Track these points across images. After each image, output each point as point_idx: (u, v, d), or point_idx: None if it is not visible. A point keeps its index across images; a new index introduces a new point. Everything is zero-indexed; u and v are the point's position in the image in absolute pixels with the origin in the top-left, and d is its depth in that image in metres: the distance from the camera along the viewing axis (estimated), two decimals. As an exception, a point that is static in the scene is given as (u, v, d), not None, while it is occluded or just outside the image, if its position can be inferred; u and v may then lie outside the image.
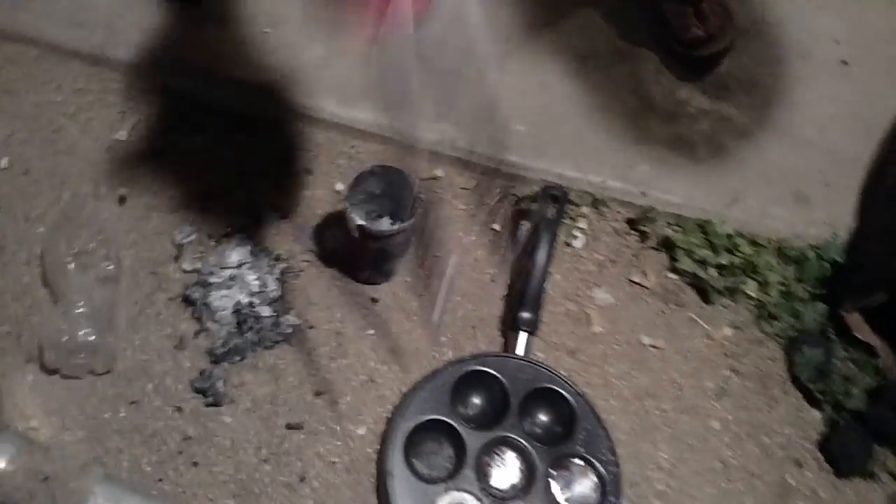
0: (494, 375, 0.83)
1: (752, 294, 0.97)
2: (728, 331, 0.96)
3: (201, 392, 0.78)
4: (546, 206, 0.90)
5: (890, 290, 0.87)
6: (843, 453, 0.90)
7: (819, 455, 0.91)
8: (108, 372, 0.78)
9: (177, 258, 0.86)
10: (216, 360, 0.80)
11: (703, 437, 0.89)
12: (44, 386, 0.76)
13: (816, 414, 0.93)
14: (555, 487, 0.80)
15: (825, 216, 1.03)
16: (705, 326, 0.95)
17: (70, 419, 0.74)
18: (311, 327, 0.84)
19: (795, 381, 0.94)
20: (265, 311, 0.82)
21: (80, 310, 0.75)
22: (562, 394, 0.83)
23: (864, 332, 0.94)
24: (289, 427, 0.79)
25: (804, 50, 1.15)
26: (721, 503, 0.85)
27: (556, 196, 0.90)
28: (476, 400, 0.84)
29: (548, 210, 0.90)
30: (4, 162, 0.87)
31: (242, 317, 0.81)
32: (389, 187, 0.83)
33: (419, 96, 0.94)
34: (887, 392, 0.92)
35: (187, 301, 0.83)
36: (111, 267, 0.81)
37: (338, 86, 0.96)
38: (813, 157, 1.07)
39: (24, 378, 0.70)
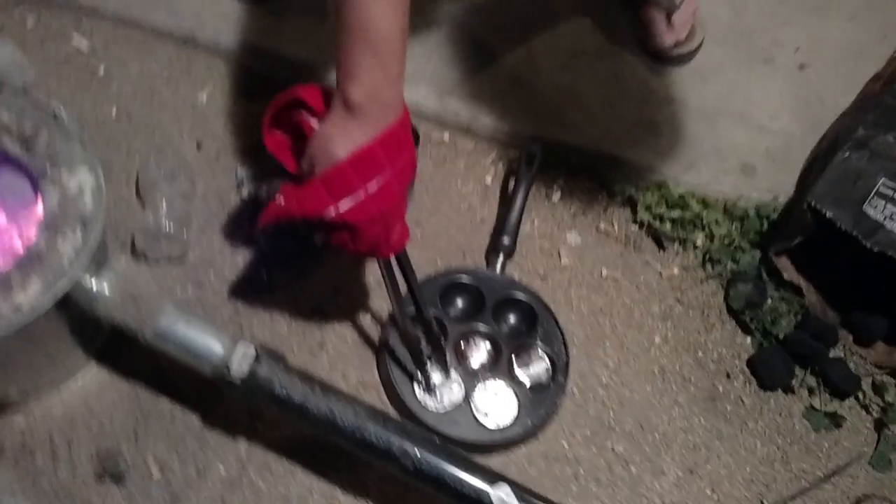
0: (473, 283, 1.05)
1: (700, 243, 1.18)
2: (676, 270, 1.16)
3: (251, 280, 1.03)
4: (524, 160, 1.13)
5: (805, 234, 1.07)
6: (766, 369, 1.09)
7: (747, 370, 1.10)
8: (181, 259, 1.03)
9: (238, 189, 1.11)
10: (263, 261, 1.05)
11: (645, 347, 1.09)
12: (132, 268, 1.01)
13: (748, 340, 1.12)
14: (515, 366, 1.01)
15: (769, 184, 1.22)
16: (658, 267, 1.16)
17: (151, 291, 1.00)
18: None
19: (731, 311, 1.13)
20: (302, 228, 1.07)
21: (164, 210, 1.01)
22: (526, 301, 1.05)
23: (791, 273, 1.13)
24: (314, 310, 1.03)
25: (768, 55, 1.36)
26: (656, 397, 1.05)
27: (533, 153, 1.14)
28: (459, 302, 1.06)
29: (525, 164, 1.13)
30: (114, 111, 1.15)
31: (284, 229, 1.06)
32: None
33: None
34: (808, 322, 1.11)
35: (245, 220, 1.08)
36: (189, 188, 1.07)
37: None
38: (763, 138, 1.27)
39: (119, 261, 0.94)
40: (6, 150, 0.81)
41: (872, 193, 1.05)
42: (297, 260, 1.06)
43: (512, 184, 1.17)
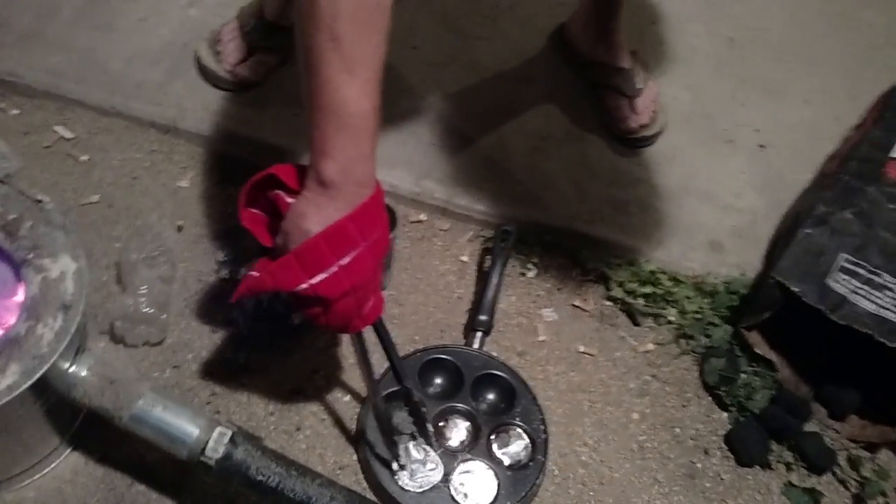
0: (452, 360, 1.06)
1: (673, 319, 1.20)
2: (651, 346, 1.18)
3: (229, 362, 1.03)
4: (499, 238, 1.16)
5: (773, 309, 1.10)
6: (743, 444, 1.09)
7: (724, 446, 1.10)
8: (159, 343, 1.03)
9: (217, 271, 1.13)
10: (242, 343, 1.05)
11: (624, 424, 1.09)
12: (111, 352, 1.01)
13: (724, 415, 1.13)
14: (494, 446, 1.01)
15: (736, 260, 1.26)
16: (632, 342, 1.18)
17: (129, 374, 1.00)
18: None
19: (706, 387, 1.15)
20: (280, 308, 1.08)
21: (143, 294, 1.02)
22: (505, 378, 1.06)
23: (762, 347, 1.15)
24: (292, 391, 1.03)
25: (728, 136, 1.42)
26: (636, 475, 1.05)
27: (508, 231, 1.17)
28: (437, 379, 1.07)
29: (500, 242, 1.16)
30: (95, 198, 1.16)
31: (262, 310, 1.07)
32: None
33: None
34: (782, 396, 1.13)
35: (224, 300, 1.09)
36: (169, 271, 1.08)
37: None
38: (729, 216, 1.31)
39: (98, 345, 0.94)
40: (-12, 237, 0.83)
41: (835, 268, 1.08)
42: (274, 341, 1.06)
43: (488, 262, 1.20)
